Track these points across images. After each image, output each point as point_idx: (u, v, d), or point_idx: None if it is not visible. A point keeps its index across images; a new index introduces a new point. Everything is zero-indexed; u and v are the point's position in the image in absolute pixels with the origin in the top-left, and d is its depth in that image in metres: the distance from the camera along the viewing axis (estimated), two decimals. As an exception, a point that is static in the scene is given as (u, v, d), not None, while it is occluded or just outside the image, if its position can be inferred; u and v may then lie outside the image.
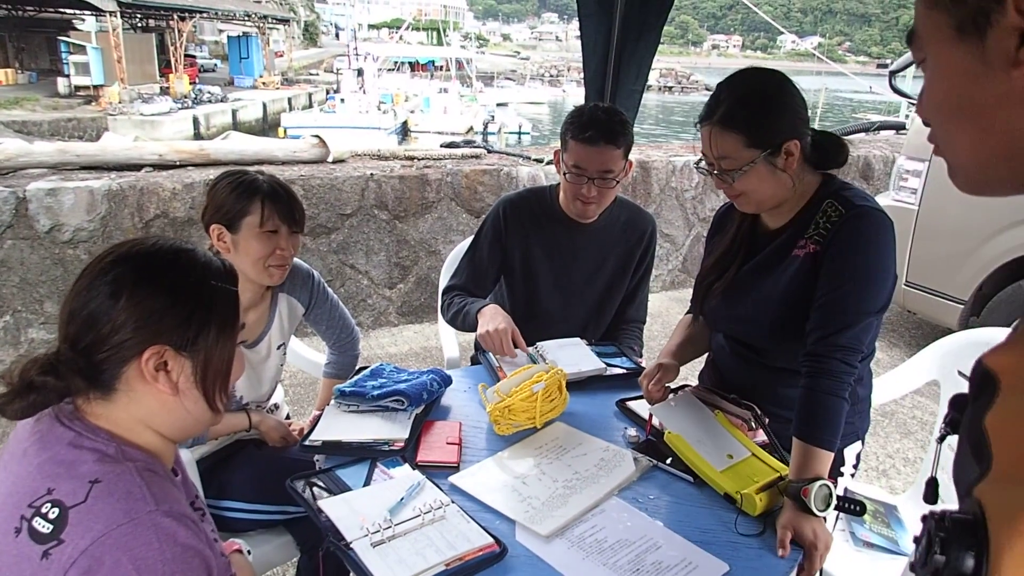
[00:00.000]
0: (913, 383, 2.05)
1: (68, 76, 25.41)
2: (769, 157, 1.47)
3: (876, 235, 1.46)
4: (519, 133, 29.69)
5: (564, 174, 2.05)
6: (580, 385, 1.86)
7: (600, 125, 1.97)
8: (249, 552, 1.27)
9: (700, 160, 1.58)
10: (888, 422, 3.50)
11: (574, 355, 1.97)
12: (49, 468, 0.86)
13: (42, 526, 0.81)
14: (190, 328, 0.93)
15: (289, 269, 1.76)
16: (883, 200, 4.01)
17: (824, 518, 1.31)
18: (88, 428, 0.90)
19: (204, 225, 1.69)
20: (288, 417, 2.03)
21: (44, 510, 0.82)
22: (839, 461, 1.62)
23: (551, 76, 63.59)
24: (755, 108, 1.47)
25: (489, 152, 5.08)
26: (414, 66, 44.19)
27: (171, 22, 28.68)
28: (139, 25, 30.28)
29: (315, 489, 1.37)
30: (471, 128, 28.12)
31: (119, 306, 0.89)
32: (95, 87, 24.49)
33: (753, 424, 1.58)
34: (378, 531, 1.21)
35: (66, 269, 3.54)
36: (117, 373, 0.91)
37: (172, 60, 28.11)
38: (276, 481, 1.41)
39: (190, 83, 27.47)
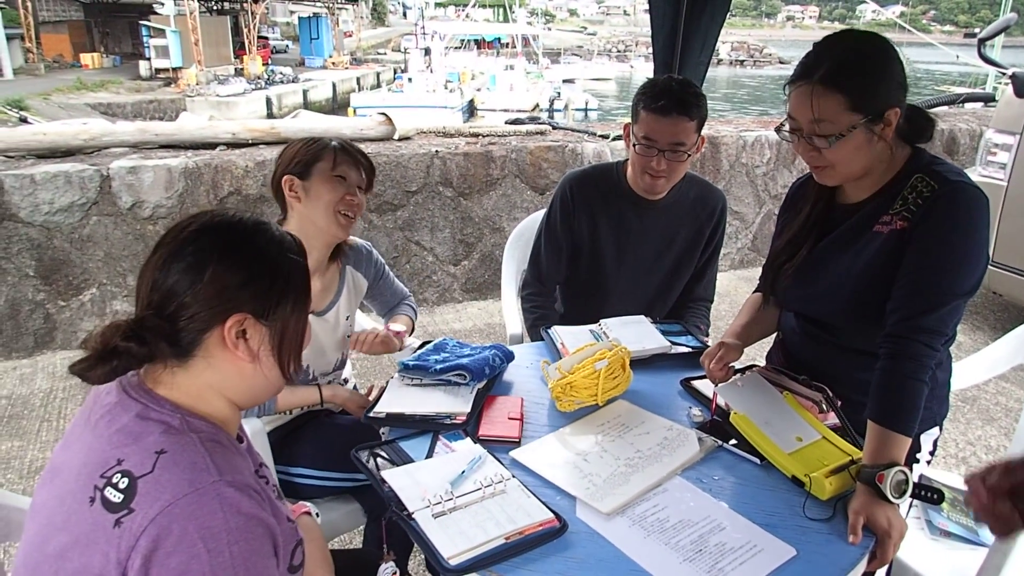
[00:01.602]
0: (997, 368, 1.95)
1: (149, 59, 26.45)
2: (869, 124, 1.38)
3: (971, 213, 1.37)
4: (586, 110, 29.38)
5: (634, 145, 2.00)
6: (644, 363, 1.83)
7: (673, 95, 1.92)
8: (318, 515, 1.30)
9: (783, 124, 1.48)
10: (969, 408, 3.35)
11: (638, 333, 1.94)
12: (118, 439, 0.89)
13: (113, 496, 0.85)
14: (270, 299, 0.96)
15: (356, 222, 1.80)
16: (970, 175, 3.80)
17: (898, 505, 1.26)
18: (153, 400, 0.93)
19: (274, 184, 1.75)
20: (355, 388, 2.07)
21: (115, 480, 0.85)
22: (915, 447, 1.56)
23: (618, 51, 62.51)
24: (860, 69, 1.38)
25: (554, 128, 5.03)
26: (480, 44, 44.19)
27: (245, 4, 29.46)
28: (215, 8, 31.19)
29: (379, 459, 1.40)
30: (537, 105, 28.02)
31: (204, 276, 0.92)
32: (174, 69, 25.42)
33: (824, 406, 1.52)
34: (439, 503, 1.23)
35: (147, 244, 3.68)
36: (198, 340, 0.94)
37: (246, 42, 28.88)
38: (344, 450, 1.45)
39: (263, 64, 28.18)
